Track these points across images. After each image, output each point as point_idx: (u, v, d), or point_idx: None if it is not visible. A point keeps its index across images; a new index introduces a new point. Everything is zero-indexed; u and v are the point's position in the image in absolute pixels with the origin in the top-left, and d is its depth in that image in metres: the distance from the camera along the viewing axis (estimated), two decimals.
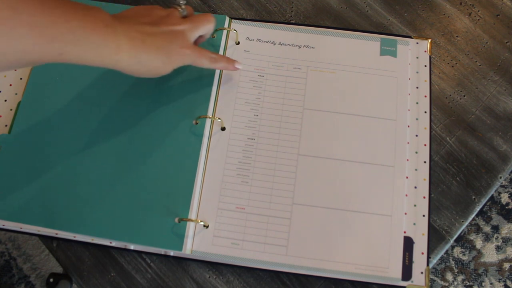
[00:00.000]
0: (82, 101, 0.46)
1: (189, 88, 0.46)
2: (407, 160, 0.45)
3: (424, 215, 0.44)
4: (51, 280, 0.83)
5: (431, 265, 0.43)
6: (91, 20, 0.33)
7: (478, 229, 1.14)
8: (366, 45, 0.49)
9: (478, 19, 0.53)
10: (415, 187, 0.45)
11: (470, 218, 0.46)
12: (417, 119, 0.47)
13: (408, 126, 0.46)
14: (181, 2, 0.43)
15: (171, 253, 0.43)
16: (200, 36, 0.45)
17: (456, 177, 0.47)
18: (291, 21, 0.53)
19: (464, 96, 0.50)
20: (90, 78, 0.47)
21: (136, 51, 0.36)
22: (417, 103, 0.48)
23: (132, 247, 0.43)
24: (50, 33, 0.30)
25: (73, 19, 0.32)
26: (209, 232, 0.42)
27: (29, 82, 0.47)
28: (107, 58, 0.35)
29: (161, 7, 0.42)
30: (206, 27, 0.43)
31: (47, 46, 0.31)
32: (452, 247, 1.13)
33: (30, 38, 0.30)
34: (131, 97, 0.46)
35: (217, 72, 0.48)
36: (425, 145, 0.46)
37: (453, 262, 1.12)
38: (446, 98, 0.50)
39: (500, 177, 0.48)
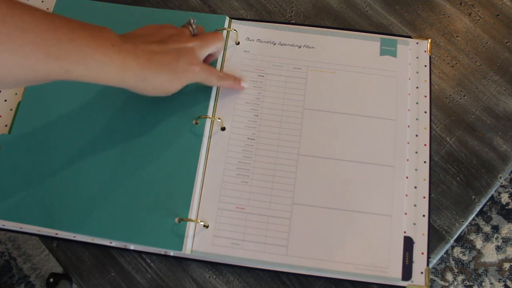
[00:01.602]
0: (82, 100, 0.46)
1: (190, 88, 0.46)
2: (407, 160, 0.45)
3: (424, 215, 0.44)
4: (51, 280, 0.83)
5: (431, 265, 0.43)
6: (97, 39, 0.33)
7: (478, 229, 1.14)
8: (366, 45, 0.49)
9: (478, 19, 0.53)
10: (415, 187, 0.45)
11: (470, 218, 0.46)
12: (417, 119, 0.47)
13: (408, 126, 0.46)
14: (192, 21, 0.43)
15: (171, 253, 0.43)
16: (210, 55, 0.45)
17: (456, 177, 0.47)
18: (291, 21, 0.53)
19: (464, 96, 0.50)
20: None
21: (140, 69, 0.36)
22: (417, 103, 0.48)
23: (132, 247, 0.43)
24: (55, 52, 0.31)
25: (79, 38, 0.32)
26: (209, 232, 0.42)
27: None
28: (113, 76, 0.35)
29: (172, 26, 0.42)
30: (216, 45, 0.44)
31: (53, 64, 0.31)
32: (452, 247, 1.13)
33: (36, 55, 0.30)
34: (131, 97, 0.46)
35: None
36: (425, 145, 0.46)
37: (453, 262, 1.12)
38: (446, 98, 0.50)
39: (500, 177, 0.48)
